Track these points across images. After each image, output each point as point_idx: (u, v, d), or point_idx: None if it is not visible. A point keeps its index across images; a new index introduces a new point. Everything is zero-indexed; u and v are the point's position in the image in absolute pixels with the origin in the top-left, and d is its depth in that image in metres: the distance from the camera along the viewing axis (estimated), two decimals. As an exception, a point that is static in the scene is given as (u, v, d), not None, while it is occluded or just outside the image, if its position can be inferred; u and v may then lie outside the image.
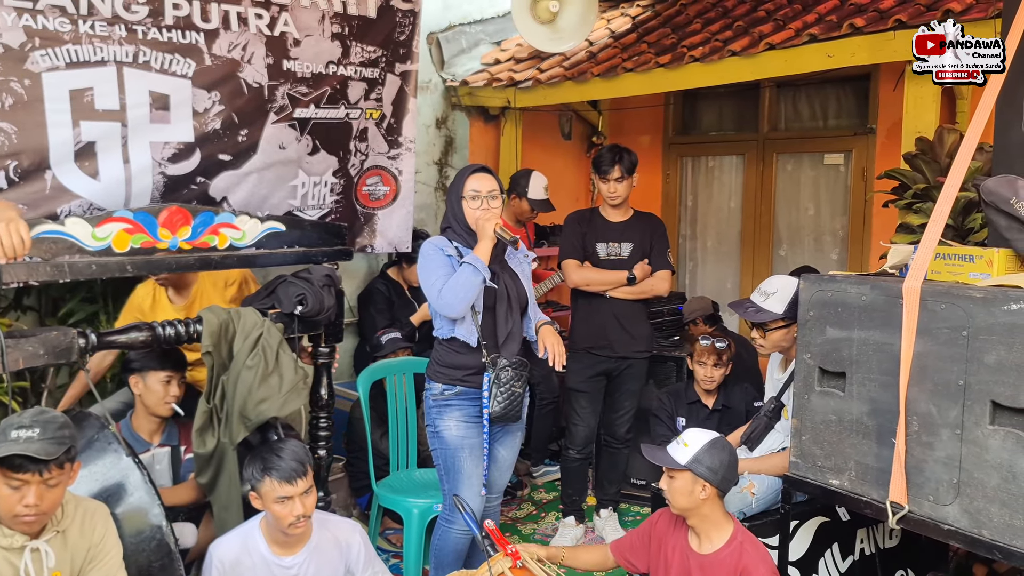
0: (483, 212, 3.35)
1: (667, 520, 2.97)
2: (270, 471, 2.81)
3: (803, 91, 6.16)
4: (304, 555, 2.95)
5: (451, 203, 3.47)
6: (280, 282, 3.53)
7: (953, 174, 2.46)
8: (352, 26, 4.06)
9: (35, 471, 2.37)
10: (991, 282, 2.41)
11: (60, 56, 3.19)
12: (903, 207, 3.24)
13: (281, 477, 2.80)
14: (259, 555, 2.90)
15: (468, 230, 3.39)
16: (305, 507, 2.83)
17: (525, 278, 3.52)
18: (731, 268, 6.64)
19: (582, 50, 5.90)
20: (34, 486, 2.38)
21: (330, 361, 3.74)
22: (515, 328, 3.42)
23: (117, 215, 3.20)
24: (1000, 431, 2.28)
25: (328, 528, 3.05)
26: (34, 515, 2.41)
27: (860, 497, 2.65)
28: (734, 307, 3.63)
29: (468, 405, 3.39)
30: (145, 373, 3.37)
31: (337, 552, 3.03)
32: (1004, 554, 2.29)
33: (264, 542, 2.92)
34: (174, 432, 3.50)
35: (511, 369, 3.32)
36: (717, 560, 2.77)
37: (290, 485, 2.80)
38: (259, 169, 3.82)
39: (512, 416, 3.38)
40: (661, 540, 2.95)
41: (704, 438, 2.80)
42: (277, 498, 2.80)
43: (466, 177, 3.41)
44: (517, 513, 5.00)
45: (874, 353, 2.59)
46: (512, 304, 3.40)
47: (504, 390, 3.31)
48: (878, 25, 4.18)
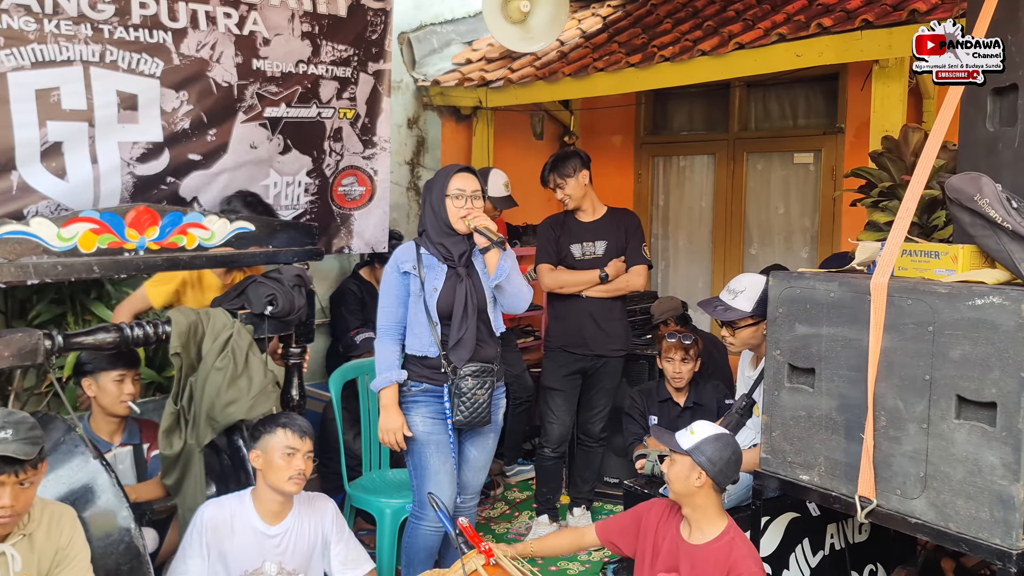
0: (468, 211, 3.35)
1: (660, 509, 3.00)
2: (284, 425, 3.02)
3: (773, 91, 6.21)
4: (287, 525, 3.09)
5: (430, 203, 3.43)
6: (250, 282, 3.50)
7: (918, 172, 2.49)
8: (322, 25, 4.04)
9: (10, 472, 2.35)
10: (956, 278, 2.44)
11: (25, 55, 3.15)
12: (870, 205, 3.27)
13: (294, 430, 3.01)
14: (246, 520, 3.04)
15: (448, 229, 3.38)
16: (307, 466, 3.03)
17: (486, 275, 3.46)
18: (702, 267, 6.67)
19: (553, 50, 5.91)
20: (9, 487, 2.36)
21: (301, 362, 3.72)
22: (467, 334, 3.36)
23: (83, 215, 3.15)
24: (965, 425, 2.32)
25: (304, 501, 3.18)
26: (9, 516, 2.39)
27: (829, 492, 2.69)
28: (703, 306, 3.65)
29: (434, 402, 3.39)
30: (97, 374, 3.32)
31: (315, 523, 3.17)
32: (970, 546, 2.32)
33: (254, 510, 3.06)
34: (135, 430, 3.46)
35: (471, 378, 3.32)
36: (707, 551, 2.79)
37: (299, 439, 3.01)
38: (230, 169, 3.79)
39: (480, 422, 3.39)
40: (652, 528, 2.97)
41: (712, 431, 2.86)
42: (285, 447, 2.98)
43: (450, 176, 3.39)
44: (491, 512, 5.00)
45: (842, 349, 2.62)
46: (468, 311, 3.36)
47: (466, 399, 3.32)
48: (845, 25, 4.22)
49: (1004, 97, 2.64)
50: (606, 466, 4.94)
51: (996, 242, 2.40)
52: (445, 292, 3.34)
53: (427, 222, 3.44)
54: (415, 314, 3.38)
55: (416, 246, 3.43)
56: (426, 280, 3.34)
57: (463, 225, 3.34)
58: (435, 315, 3.34)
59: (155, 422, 3.54)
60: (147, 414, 3.66)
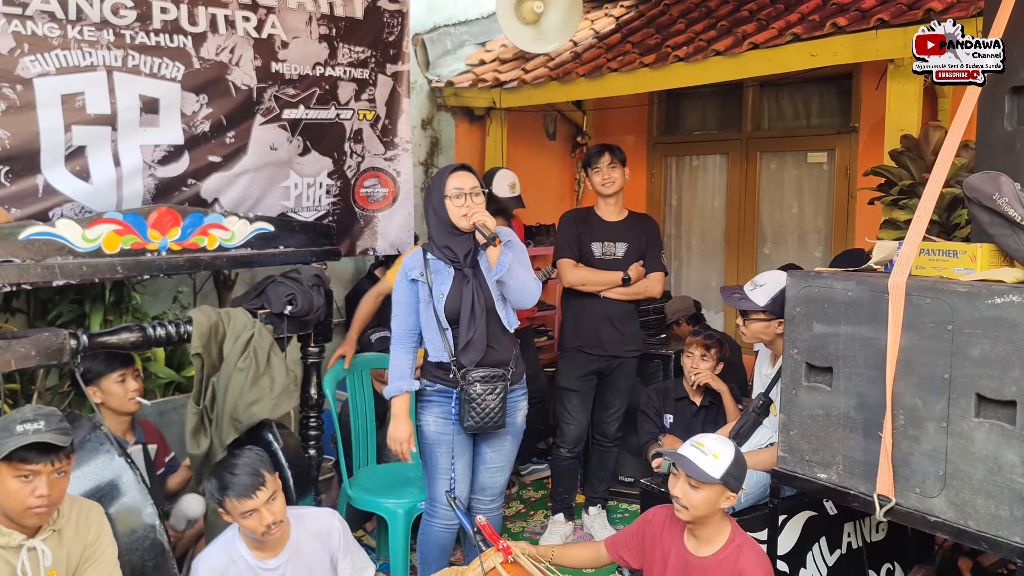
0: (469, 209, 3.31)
1: (661, 518, 2.97)
2: (226, 490, 2.77)
3: (786, 90, 6.21)
4: (287, 555, 2.93)
5: (432, 207, 3.40)
6: (269, 282, 3.55)
7: (937, 170, 2.50)
8: (339, 27, 4.08)
9: (46, 461, 2.39)
10: (975, 277, 2.45)
11: (50, 61, 3.21)
12: (889, 203, 3.28)
13: (239, 494, 2.75)
14: (244, 561, 2.87)
15: (452, 229, 3.36)
16: (273, 514, 2.79)
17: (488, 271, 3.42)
18: (716, 267, 6.68)
19: (567, 50, 5.93)
20: (44, 476, 2.40)
21: (320, 360, 3.75)
22: (477, 335, 3.34)
23: (107, 216, 3.20)
24: (985, 423, 2.32)
25: (305, 523, 3.02)
26: (46, 506, 2.42)
27: (848, 491, 2.69)
28: (723, 291, 3.67)
29: (446, 402, 3.40)
30: (99, 381, 3.27)
31: (319, 544, 3.01)
32: (990, 544, 2.33)
33: (246, 548, 2.88)
34: (140, 431, 3.48)
35: (480, 384, 3.32)
36: (715, 563, 2.77)
37: (250, 499, 2.75)
38: (250, 170, 3.83)
39: (492, 426, 3.38)
40: (655, 539, 2.95)
41: (728, 449, 2.76)
42: (242, 513, 2.76)
43: (447, 177, 3.37)
44: (506, 511, 5.02)
45: (860, 348, 2.63)
46: (476, 311, 3.34)
47: (475, 405, 3.32)
48: (860, 24, 4.23)
49: (1021, 96, 2.64)
50: (621, 465, 4.95)
51: (1015, 241, 2.40)
52: (452, 295, 3.33)
53: (431, 227, 3.43)
54: (427, 321, 3.38)
55: (424, 252, 3.42)
56: (433, 285, 3.34)
57: (466, 223, 3.32)
58: (444, 320, 3.33)
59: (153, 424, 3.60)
60: (166, 414, 3.70)
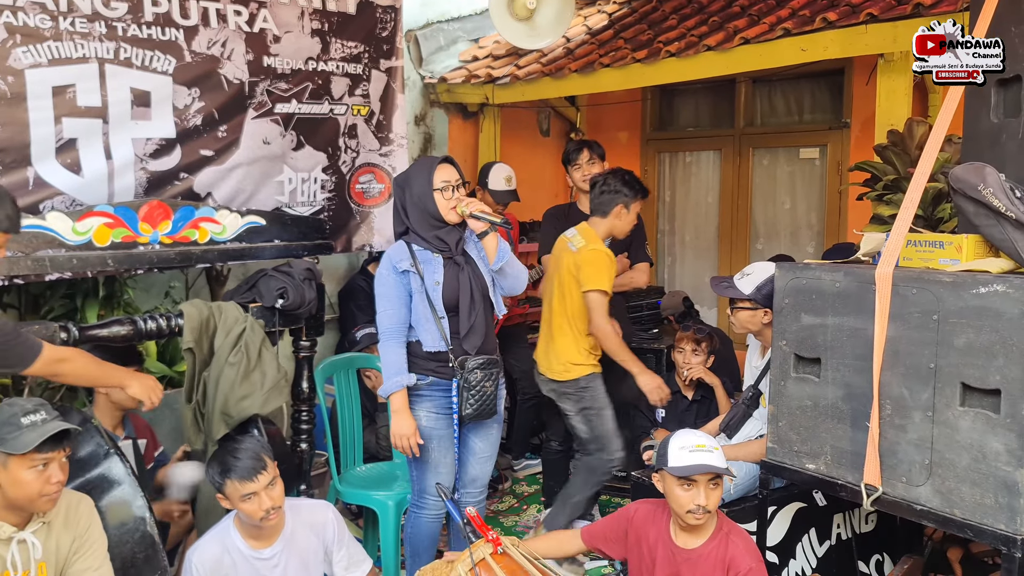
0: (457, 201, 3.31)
1: (646, 513, 2.96)
2: (229, 473, 2.80)
3: (778, 86, 6.23)
4: (281, 544, 2.94)
5: (412, 199, 3.37)
6: (261, 276, 3.54)
7: (922, 162, 2.52)
8: (332, 22, 4.09)
9: (58, 448, 2.44)
10: (960, 267, 2.47)
11: (42, 53, 3.20)
12: (874, 199, 3.30)
13: (241, 476, 2.78)
14: (238, 551, 2.88)
15: (438, 222, 3.35)
16: (272, 499, 2.82)
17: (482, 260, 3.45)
18: (709, 262, 6.70)
19: (559, 47, 5.94)
20: (56, 462, 2.45)
21: (311, 355, 3.75)
22: (477, 321, 3.37)
23: (98, 209, 3.20)
24: (970, 412, 2.34)
25: (300, 513, 3.03)
26: (60, 490, 2.48)
27: (836, 480, 2.71)
28: (713, 280, 3.71)
29: (439, 396, 3.40)
30: None
31: (314, 536, 3.02)
32: (975, 532, 2.35)
33: (241, 538, 2.90)
34: (129, 424, 3.48)
35: (479, 371, 3.34)
36: (703, 554, 2.77)
37: (251, 482, 2.78)
38: (243, 164, 3.84)
39: (486, 414, 3.40)
40: (640, 533, 2.94)
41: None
42: (242, 496, 2.79)
43: (433, 170, 3.34)
44: (499, 506, 5.03)
45: (848, 339, 2.64)
46: (475, 298, 3.36)
47: (474, 392, 3.34)
48: (850, 19, 4.25)
49: (1008, 89, 2.67)
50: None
51: (1000, 231, 2.42)
52: (448, 283, 3.33)
53: (411, 219, 3.39)
54: (421, 311, 3.36)
55: (407, 244, 3.39)
56: (425, 275, 3.33)
57: (455, 215, 3.32)
58: (440, 308, 3.33)
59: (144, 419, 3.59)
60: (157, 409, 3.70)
